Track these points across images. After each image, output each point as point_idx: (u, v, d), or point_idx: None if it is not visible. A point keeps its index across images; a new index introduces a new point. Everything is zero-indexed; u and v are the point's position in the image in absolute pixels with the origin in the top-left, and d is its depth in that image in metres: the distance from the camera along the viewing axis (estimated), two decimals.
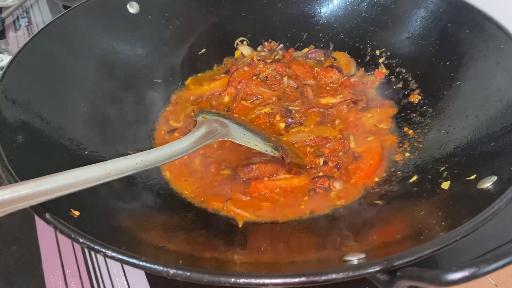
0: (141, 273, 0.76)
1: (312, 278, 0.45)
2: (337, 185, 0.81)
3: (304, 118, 0.94)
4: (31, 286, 0.75)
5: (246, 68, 1.04)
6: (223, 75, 1.07)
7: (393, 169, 0.83)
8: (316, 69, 1.06)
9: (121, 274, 0.76)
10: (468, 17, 0.87)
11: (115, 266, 0.77)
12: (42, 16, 1.65)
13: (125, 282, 0.75)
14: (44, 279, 0.76)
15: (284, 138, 0.89)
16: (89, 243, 0.48)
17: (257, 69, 1.04)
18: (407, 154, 0.85)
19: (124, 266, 0.78)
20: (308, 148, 0.87)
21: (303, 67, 1.06)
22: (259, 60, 1.06)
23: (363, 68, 1.07)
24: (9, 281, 0.75)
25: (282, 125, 0.92)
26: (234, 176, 0.85)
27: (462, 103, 0.83)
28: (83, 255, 0.80)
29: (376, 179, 0.82)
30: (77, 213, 0.57)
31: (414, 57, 0.97)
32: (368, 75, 1.05)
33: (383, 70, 1.03)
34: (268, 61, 1.07)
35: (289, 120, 0.93)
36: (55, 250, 0.81)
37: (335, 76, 1.04)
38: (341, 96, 0.98)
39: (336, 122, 0.93)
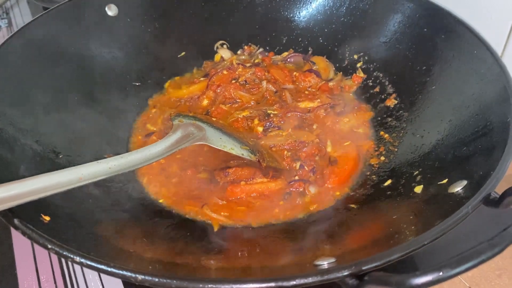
0: (118, 279, 0.75)
1: (280, 283, 0.45)
2: (312, 190, 0.81)
3: (282, 122, 0.94)
4: None
5: (225, 72, 1.04)
6: (202, 79, 1.06)
7: (368, 173, 0.84)
8: (295, 73, 1.07)
9: (97, 279, 0.75)
10: (444, 22, 0.88)
11: (90, 271, 0.76)
12: (22, 18, 1.63)
13: (101, 287, 0.74)
14: (18, 284, 0.74)
15: (262, 142, 0.90)
16: (57, 249, 0.48)
17: (236, 73, 1.04)
18: (382, 158, 0.86)
19: None
20: (285, 152, 0.88)
21: (282, 72, 1.06)
22: (238, 64, 1.06)
23: (341, 73, 1.08)
24: None
25: (260, 129, 0.92)
26: (211, 180, 0.84)
27: (436, 107, 0.84)
28: (58, 260, 0.79)
29: (351, 184, 0.83)
30: (47, 218, 0.57)
31: (391, 61, 0.99)
32: (346, 79, 1.06)
33: (360, 75, 1.04)
34: (248, 65, 1.07)
35: (267, 124, 0.93)
36: (30, 254, 0.79)
37: (313, 81, 1.04)
38: (319, 100, 0.99)
39: (314, 127, 0.94)
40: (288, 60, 1.12)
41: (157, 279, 0.45)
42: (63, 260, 0.79)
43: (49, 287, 0.74)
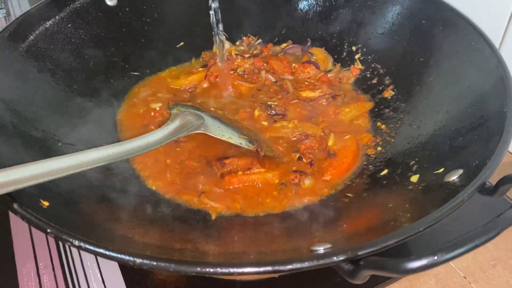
0: (115, 266, 0.76)
1: (277, 267, 0.45)
2: (307, 182, 0.81)
3: (286, 110, 0.94)
4: (3, 278, 0.74)
5: None
6: (200, 69, 1.07)
7: (365, 163, 0.84)
8: (294, 65, 1.07)
9: (94, 266, 0.76)
10: (442, 14, 0.89)
11: (89, 259, 0.77)
12: (20, 7, 1.63)
13: (99, 275, 0.75)
14: (16, 271, 0.75)
15: (269, 135, 0.90)
16: (56, 233, 0.48)
17: (235, 63, 1.04)
18: (379, 149, 0.86)
19: (98, 258, 0.77)
20: (280, 141, 0.88)
21: (281, 63, 1.06)
22: (237, 54, 1.06)
23: (339, 64, 1.08)
24: None
25: (265, 123, 0.92)
26: (209, 170, 0.84)
27: (433, 99, 0.84)
28: (56, 247, 0.79)
29: (348, 176, 0.83)
30: (46, 203, 0.57)
31: (389, 53, 0.99)
32: (344, 70, 1.07)
33: (358, 66, 1.05)
34: (246, 56, 1.07)
35: (271, 111, 0.94)
36: (29, 242, 0.80)
37: (312, 72, 1.05)
38: (320, 90, 0.99)
39: (320, 120, 0.94)
40: (287, 51, 1.12)
41: (155, 263, 0.45)
42: (61, 247, 0.79)
43: (48, 273, 0.75)
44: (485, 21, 0.83)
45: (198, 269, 0.45)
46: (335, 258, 0.46)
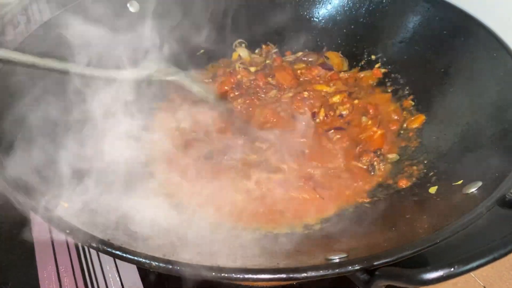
0: (134, 270, 0.77)
1: (291, 275, 0.45)
2: None
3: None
4: (25, 281, 0.76)
5: (223, 78, 1.05)
6: (206, 80, 1.08)
7: None
8: (299, 71, 1.06)
9: (114, 270, 0.77)
10: (463, 25, 0.88)
11: (108, 262, 0.78)
12: (41, 14, 1.65)
13: (118, 278, 0.76)
14: (37, 274, 0.77)
15: None
16: (75, 233, 0.49)
17: (237, 77, 1.04)
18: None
19: (117, 262, 0.79)
20: None
21: (285, 72, 1.05)
22: (242, 68, 1.07)
23: (358, 67, 1.08)
24: (3, 276, 0.76)
25: None
26: None
27: (454, 110, 0.83)
28: (76, 251, 0.81)
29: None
30: (66, 205, 0.58)
31: (409, 63, 0.98)
32: (363, 73, 1.06)
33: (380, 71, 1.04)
34: (252, 69, 1.07)
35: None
36: (49, 246, 0.82)
37: (320, 73, 1.04)
38: (336, 87, 1.00)
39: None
40: (303, 58, 1.11)
41: (170, 266, 0.46)
42: (81, 252, 0.81)
43: (68, 277, 0.76)
44: (504, 31, 0.81)
45: (213, 273, 0.45)
46: (350, 267, 0.46)
